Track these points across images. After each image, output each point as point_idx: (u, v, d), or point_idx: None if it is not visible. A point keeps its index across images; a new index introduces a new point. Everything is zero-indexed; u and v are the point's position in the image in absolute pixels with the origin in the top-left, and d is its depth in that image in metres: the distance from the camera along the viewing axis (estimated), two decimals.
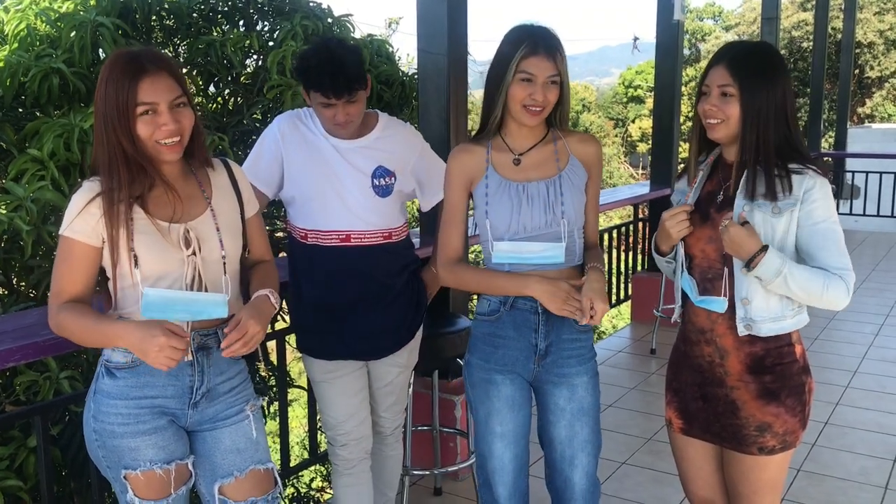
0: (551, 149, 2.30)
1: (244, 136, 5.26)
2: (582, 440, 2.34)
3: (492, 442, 2.35)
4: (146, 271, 1.94)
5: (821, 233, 2.05)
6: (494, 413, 2.33)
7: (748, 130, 2.06)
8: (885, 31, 22.92)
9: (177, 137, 1.94)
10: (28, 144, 4.00)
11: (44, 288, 3.88)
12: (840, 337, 5.89)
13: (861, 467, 3.83)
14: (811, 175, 2.05)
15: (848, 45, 11.15)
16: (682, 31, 6.26)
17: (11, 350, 2.20)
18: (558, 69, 2.17)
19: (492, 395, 2.34)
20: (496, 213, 2.25)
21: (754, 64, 2.07)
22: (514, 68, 2.16)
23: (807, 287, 2.02)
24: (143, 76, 1.88)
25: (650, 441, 4.12)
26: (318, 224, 2.61)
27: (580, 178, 2.31)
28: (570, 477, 2.35)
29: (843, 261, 2.05)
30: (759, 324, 2.11)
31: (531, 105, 2.18)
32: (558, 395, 2.33)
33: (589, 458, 2.36)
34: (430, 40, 3.61)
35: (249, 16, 5.46)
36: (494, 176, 2.27)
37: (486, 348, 2.34)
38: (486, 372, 2.34)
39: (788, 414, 2.14)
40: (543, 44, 2.16)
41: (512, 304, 2.28)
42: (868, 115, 23.57)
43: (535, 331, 2.29)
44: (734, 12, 29.04)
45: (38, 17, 4.79)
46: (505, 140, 2.30)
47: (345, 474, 2.77)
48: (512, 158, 2.28)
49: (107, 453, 1.99)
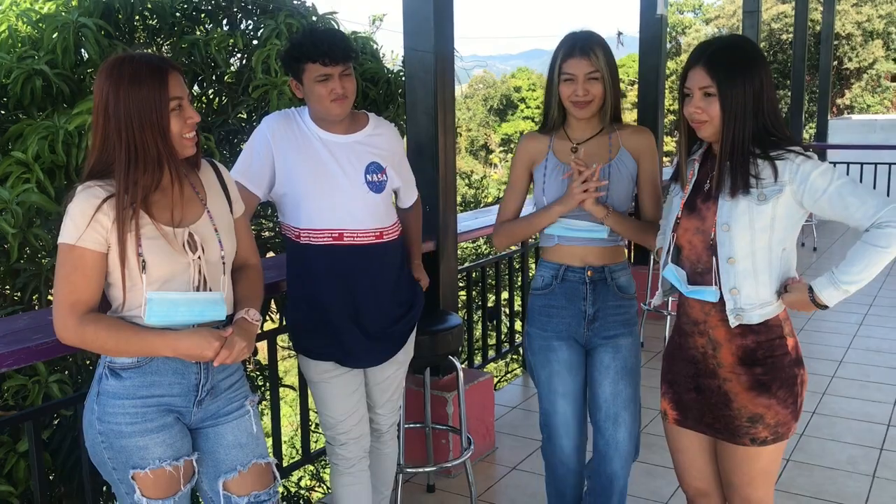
0: (606, 140, 2.59)
1: (229, 135, 5.24)
2: (625, 399, 2.60)
3: (555, 401, 2.66)
4: (153, 276, 1.95)
5: (836, 196, 2.03)
6: (555, 375, 2.64)
7: (726, 126, 2.09)
8: (862, 22, 23.10)
9: (194, 131, 2.00)
10: (12, 147, 3.96)
11: (30, 291, 3.85)
12: (826, 327, 5.95)
13: (849, 456, 3.88)
14: (792, 157, 2.07)
15: (827, 37, 11.25)
16: (665, 26, 6.29)
17: (3, 355, 2.18)
18: (595, 66, 2.46)
19: (552, 360, 2.64)
20: (552, 189, 2.58)
21: (730, 61, 2.09)
22: (557, 70, 2.50)
23: (869, 269, 2.01)
24: (169, 72, 1.94)
25: (641, 434, 4.13)
26: (311, 223, 2.61)
27: (628, 167, 2.59)
28: (615, 435, 2.60)
29: (870, 203, 2.01)
30: (749, 312, 2.13)
31: (577, 100, 2.49)
32: (604, 354, 2.61)
33: (632, 419, 2.62)
34: (416, 37, 3.61)
35: (233, 15, 5.44)
36: (553, 159, 2.61)
37: (543, 318, 2.66)
38: (545, 339, 2.65)
39: (780, 405, 2.16)
40: (580, 45, 2.48)
41: (563, 277, 2.61)
42: (847, 107, 23.75)
43: (584, 299, 2.60)
44: (714, 5, 29.18)
45: (19, 19, 4.74)
46: (566, 132, 2.62)
47: (345, 473, 2.78)
48: (570, 146, 2.59)
49: (113, 454, 1.99)
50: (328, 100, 2.54)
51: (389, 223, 2.71)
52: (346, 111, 2.60)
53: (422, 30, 3.58)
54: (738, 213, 2.09)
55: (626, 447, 2.61)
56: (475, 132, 34.07)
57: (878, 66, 23.25)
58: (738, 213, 2.09)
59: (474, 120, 34.74)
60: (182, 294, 1.99)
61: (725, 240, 2.11)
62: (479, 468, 3.83)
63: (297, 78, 2.58)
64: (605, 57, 2.48)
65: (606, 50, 2.50)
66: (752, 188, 2.08)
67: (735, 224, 2.10)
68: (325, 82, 2.52)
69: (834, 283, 2.04)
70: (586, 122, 2.57)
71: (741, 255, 2.10)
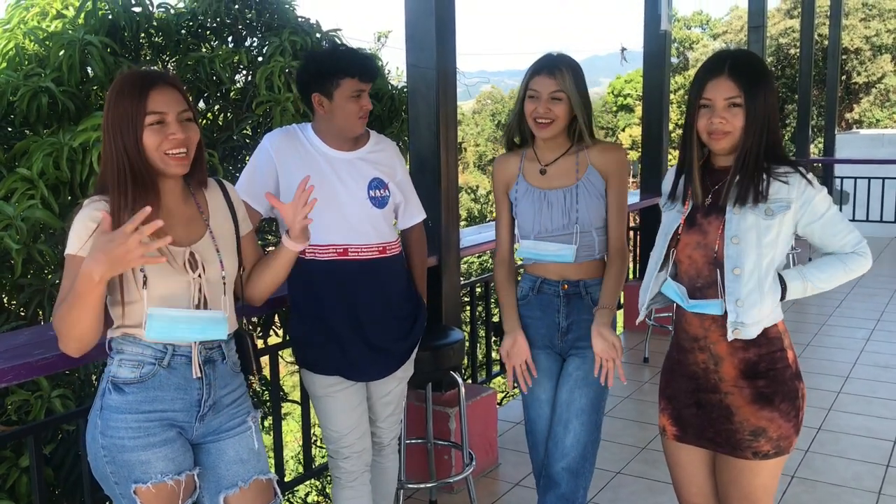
0: (573, 160, 2.58)
1: (234, 151, 5.27)
2: (578, 408, 2.56)
3: (539, 407, 2.67)
4: (153, 293, 1.96)
5: (830, 223, 2.14)
6: (536, 383, 2.65)
7: (749, 138, 2.09)
8: (871, 37, 23.07)
9: (184, 149, 1.97)
10: (17, 163, 4.00)
11: (34, 306, 3.87)
12: (832, 343, 5.91)
13: (854, 473, 3.84)
14: (800, 176, 2.10)
15: (834, 52, 11.23)
16: (669, 41, 6.30)
17: (4, 370, 2.19)
18: (560, 86, 2.46)
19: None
20: (522, 215, 2.63)
21: (753, 72, 2.10)
22: (524, 88, 2.52)
23: (832, 281, 2.18)
24: (153, 87, 1.94)
25: (645, 450, 4.12)
26: (316, 238, 2.58)
27: (596, 186, 2.57)
28: (563, 440, 2.57)
29: (852, 236, 2.18)
30: (749, 327, 2.12)
31: (538, 118, 2.49)
32: (570, 363, 2.62)
33: (582, 428, 2.56)
34: (419, 54, 3.63)
35: (238, 32, 5.49)
36: (523, 183, 2.63)
37: (523, 328, 2.65)
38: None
39: (783, 419, 2.15)
40: (547, 64, 2.49)
41: (539, 289, 2.65)
42: (856, 121, 23.70)
43: (558, 311, 2.62)
44: (721, 21, 29.21)
45: (26, 37, 4.80)
46: (535, 152, 2.62)
47: (347, 487, 2.78)
48: (539, 168, 2.60)
49: (116, 469, 1.99)
50: (357, 115, 2.59)
51: (392, 238, 2.74)
52: (362, 127, 2.67)
53: (424, 46, 3.60)
54: (746, 227, 2.09)
55: (572, 454, 2.55)
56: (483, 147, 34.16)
57: (886, 81, 23.19)
58: (746, 227, 2.09)
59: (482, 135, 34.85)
60: (183, 311, 1.99)
61: (734, 253, 2.11)
62: (481, 484, 3.82)
63: (326, 93, 2.57)
64: (574, 78, 2.48)
65: (577, 72, 2.50)
66: (761, 202, 2.08)
67: (744, 238, 2.10)
68: (358, 98, 2.57)
69: (803, 276, 2.17)
70: (553, 142, 2.57)
71: (748, 269, 2.10)
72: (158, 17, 5.21)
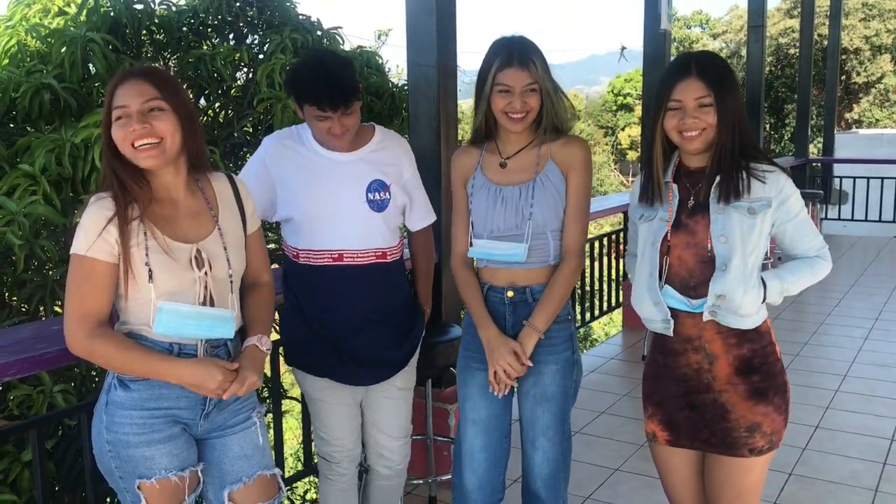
0: (535, 153, 2.40)
1: (235, 148, 5.29)
2: (543, 425, 2.44)
3: (464, 427, 2.49)
4: (159, 290, 1.96)
5: (801, 225, 2.20)
6: (467, 399, 2.48)
7: (724, 136, 2.12)
8: (870, 36, 23.07)
9: (151, 140, 1.93)
10: (19, 160, 4.02)
11: (36, 302, 3.89)
12: (829, 341, 5.92)
13: (851, 470, 3.86)
14: (777, 173, 2.15)
15: (834, 52, 11.26)
16: (669, 40, 6.31)
17: (7, 364, 2.20)
18: (534, 77, 2.28)
19: (468, 382, 2.49)
20: (475, 213, 2.44)
21: (720, 71, 2.13)
22: (491, 80, 2.30)
23: (800, 283, 2.23)
24: (121, 84, 1.95)
25: (643, 447, 4.13)
26: (311, 244, 2.57)
27: (554, 182, 2.38)
28: (533, 457, 2.47)
29: (818, 240, 2.24)
30: (727, 316, 2.13)
31: (511, 112, 2.31)
32: (524, 381, 2.44)
33: (551, 444, 2.45)
34: (419, 52, 3.64)
35: (239, 29, 5.50)
36: (480, 177, 2.44)
37: (468, 338, 2.51)
38: (466, 360, 2.51)
39: (776, 413, 2.18)
40: (518, 55, 2.28)
41: (485, 297, 2.45)
42: (856, 121, 23.70)
43: (504, 319, 2.42)
44: (721, 20, 29.19)
45: (28, 34, 4.81)
46: (497, 144, 2.45)
47: (336, 491, 2.80)
48: (499, 161, 2.42)
49: (120, 464, 2.01)
50: (326, 134, 2.48)
51: (394, 242, 2.67)
52: (346, 142, 2.54)
53: (424, 44, 3.61)
54: (731, 225, 2.11)
55: (545, 470, 2.46)
56: None
57: (886, 81, 23.19)
58: (731, 225, 2.11)
59: None
60: (192, 307, 1.99)
61: (723, 251, 2.12)
62: None
63: (300, 105, 2.50)
64: (542, 65, 2.30)
65: (542, 58, 2.32)
66: (743, 199, 2.11)
67: (730, 235, 2.12)
68: (324, 121, 2.45)
69: (780, 278, 2.20)
70: (516, 135, 2.38)
71: (735, 265, 2.12)
72: (160, 14, 5.22)
